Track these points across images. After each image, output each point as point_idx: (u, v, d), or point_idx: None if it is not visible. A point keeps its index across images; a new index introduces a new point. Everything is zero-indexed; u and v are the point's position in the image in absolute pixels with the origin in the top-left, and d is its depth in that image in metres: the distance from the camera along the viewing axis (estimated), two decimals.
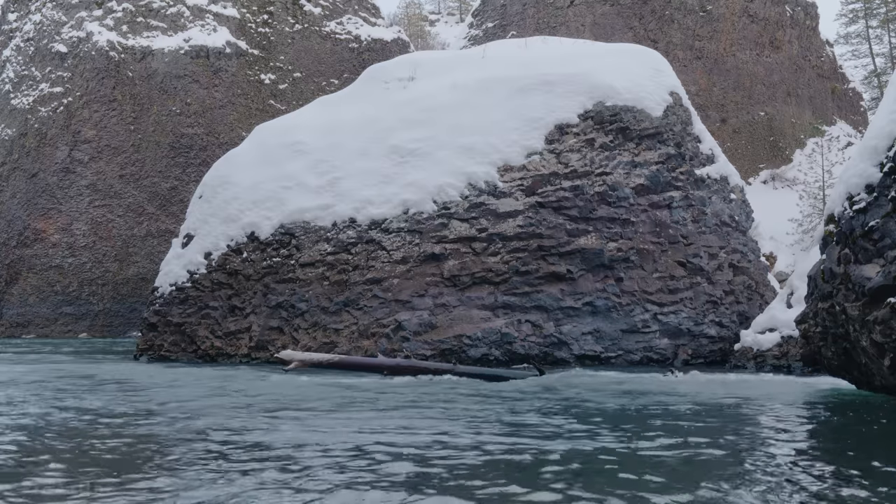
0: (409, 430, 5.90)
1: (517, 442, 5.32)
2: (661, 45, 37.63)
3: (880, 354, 7.28)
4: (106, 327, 36.72)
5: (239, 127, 38.78)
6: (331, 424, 6.28)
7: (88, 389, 9.50)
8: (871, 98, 49.30)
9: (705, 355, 15.51)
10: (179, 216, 33.69)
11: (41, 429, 6.08)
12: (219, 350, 15.53)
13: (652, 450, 4.98)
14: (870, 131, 7.91)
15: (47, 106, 39.10)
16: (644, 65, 17.48)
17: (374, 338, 14.23)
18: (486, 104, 16.18)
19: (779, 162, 39.53)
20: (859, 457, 4.90)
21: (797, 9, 42.63)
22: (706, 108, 37.77)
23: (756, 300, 16.65)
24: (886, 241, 7.18)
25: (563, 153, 15.60)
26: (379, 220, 15.25)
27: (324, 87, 41.21)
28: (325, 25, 44.22)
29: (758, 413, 7.33)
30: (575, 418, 6.64)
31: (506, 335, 14.28)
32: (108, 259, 37.44)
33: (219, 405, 7.76)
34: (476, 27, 48.55)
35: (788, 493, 3.80)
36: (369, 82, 19.04)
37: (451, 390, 9.35)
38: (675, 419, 6.68)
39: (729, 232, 16.73)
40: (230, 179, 17.05)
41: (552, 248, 14.90)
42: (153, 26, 40.02)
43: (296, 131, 17.44)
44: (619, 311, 15.01)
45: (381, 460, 4.62)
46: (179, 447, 5.22)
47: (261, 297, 15.47)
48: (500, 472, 4.29)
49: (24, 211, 38.28)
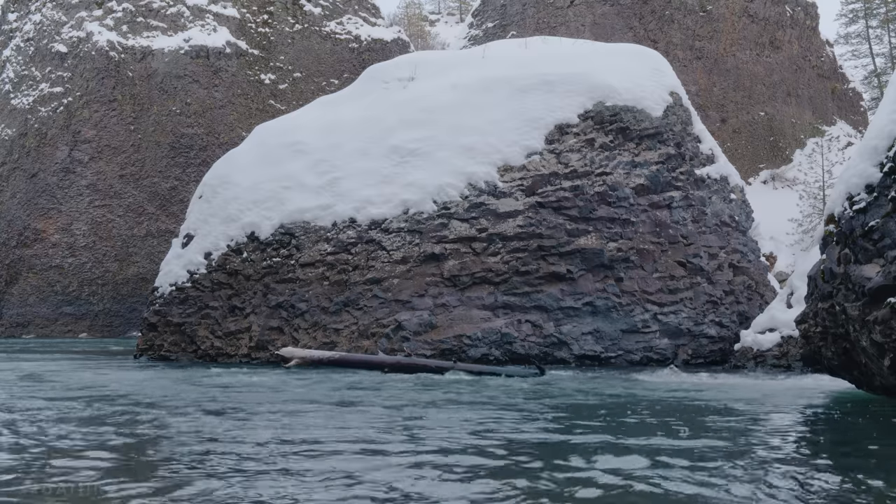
0: (405, 429, 5.91)
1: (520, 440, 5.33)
2: (661, 45, 37.64)
3: (880, 354, 7.28)
4: (106, 327, 36.74)
5: (239, 127, 38.79)
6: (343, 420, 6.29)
7: (88, 390, 9.50)
8: (871, 98, 49.30)
9: (705, 355, 15.51)
10: (179, 216, 33.70)
11: (40, 429, 6.07)
12: (219, 350, 15.53)
13: (651, 450, 4.98)
14: (870, 131, 7.91)
15: (47, 106, 39.11)
16: (644, 65, 17.49)
17: (375, 338, 14.24)
18: (486, 104, 16.18)
19: (779, 162, 39.56)
20: (859, 457, 4.90)
21: (797, 9, 42.64)
22: (706, 108, 37.78)
23: (756, 300, 16.65)
24: (886, 241, 7.18)
25: (563, 153, 15.60)
26: (379, 220, 15.26)
27: (324, 87, 41.21)
28: (325, 25, 44.23)
29: (757, 413, 7.33)
30: (574, 417, 6.64)
31: (506, 335, 14.29)
32: (108, 259, 37.45)
33: (220, 406, 7.76)
34: (476, 27, 48.58)
35: (788, 494, 3.80)
36: (369, 82, 19.05)
37: (453, 386, 9.35)
38: (674, 419, 6.68)
39: (729, 232, 16.73)
40: (230, 179, 17.05)
41: (552, 248, 14.90)
42: (153, 26, 40.03)
43: (296, 131, 17.44)
44: (619, 311, 15.01)
45: (392, 452, 4.64)
46: (179, 448, 5.22)
47: (261, 297, 15.47)
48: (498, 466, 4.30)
49: (24, 211, 38.30)
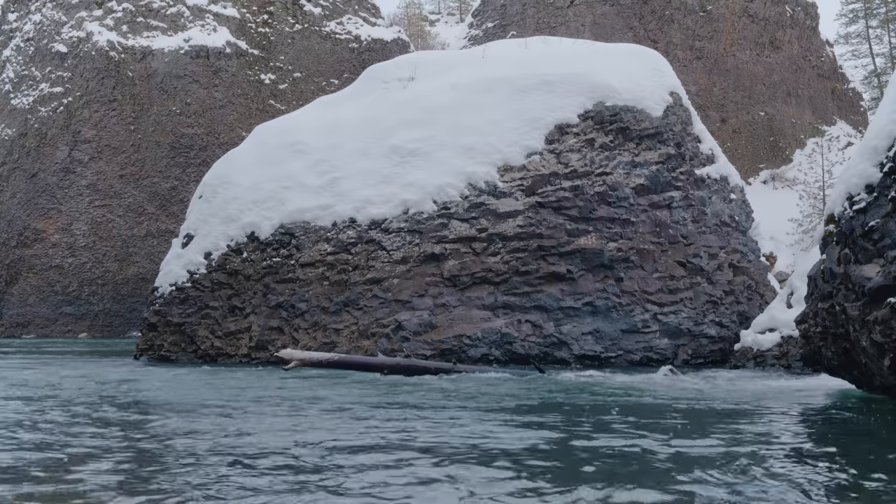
0: (406, 430, 5.91)
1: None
2: (661, 45, 37.65)
3: (880, 354, 7.28)
4: (106, 327, 36.73)
5: (239, 127, 38.79)
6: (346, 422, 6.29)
7: (88, 390, 9.50)
8: (871, 98, 49.31)
9: (705, 355, 15.51)
10: (179, 216, 33.71)
11: (40, 429, 6.07)
12: (219, 350, 15.53)
13: (649, 449, 4.98)
14: (870, 131, 7.91)
15: (47, 106, 39.11)
16: (644, 65, 17.48)
17: (374, 338, 14.23)
18: (486, 104, 16.18)
19: (779, 162, 39.55)
20: (859, 457, 4.90)
21: (797, 9, 42.65)
22: (706, 108, 37.78)
23: (756, 300, 16.64)
24: (886, 241, 7.18)
25: (563, 153, 15.60)
26: (379, 220, 15.25)
27: (324, 87, 41.21)
28: (325, 25, 44.22)
29: (757, 413, 7.33)
30: (574, 415, 6.64)
31: (506, 335, 14.29)
32: (108, 259, 37.44)
33: (221, 405, 7.76)
34: (476, 27, 48.59)
35: (787, 494, 3.80)
36: (369, 82, 19.04)
37: (454, 386, 9.35)
38: (673, 419, 6.68)
39: (729, 232, 16.73)
40: (230, 179, 17.04)
41: (552, 248, 14.90)
42: (153, 26, 40.02)
43: (296, 131, 17.44)
44: (619, 311, 15.01)
45: (405, 456, 4.64)
46: (179, 448, 5.22)
47: (261, 297, 15.47)
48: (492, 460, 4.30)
49: (24, 211, 38.29)
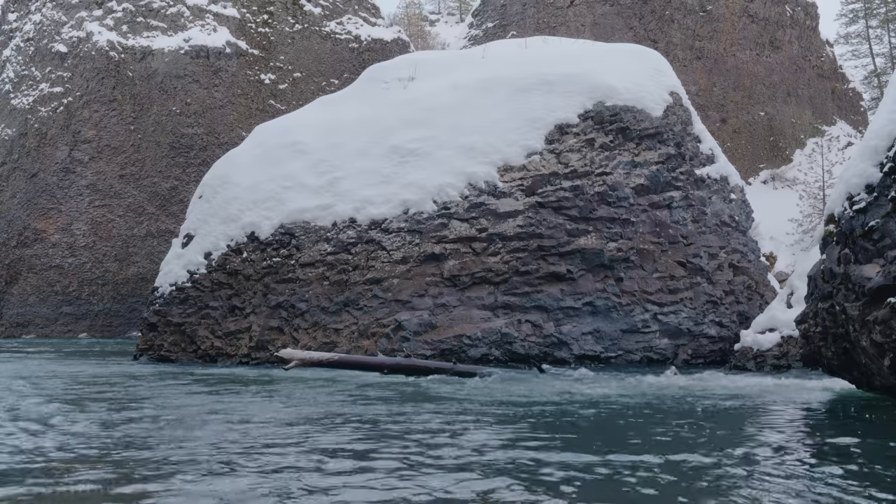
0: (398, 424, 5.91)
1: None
2: (661, 45, 37.66)
3: (880, 354, 7.28)
4: (106, 327, 36.74)
5: (239, 127, 38.80)
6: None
7: (87, 390, 9.50)
8: (871, 98, 49.33)
9: (705, 355, 15.51)
10: (179, 216, 33.73)
11: (38, 429, 6.07)
12: (219, 350, 15.53)
13: (648, 448, 4.98)
14: (870, 131, 7.90)
15: (47, 106, 39.12)
16: (644, 65, 17.48)
17: (374, 338, 14.23)
18: (486, 104, 16.18)
19: (779, 162, 39.56)
20: (859, 457, 4.90)
21: (797, 9, 42.65)
22: (706, 108, 37.78)
23: (756, 300, 16.65)
24: (886, 241, 7.18)
25: (563, 153, 15.60)
26: (379, 220, 15.25)
27: (324, 87, 41.22)
28: (325, 25, 44.23)
29: (757, 413, 7.33)
30: (574, 415, 6.64)
31: (506, 335, 14.29)
32: (108, 259, 37.45)
33: (222, 406, 7.76)
34: (476, 27, 48.60)
35: (787, 494, 3.80)
36: (369, 82, 19.04)
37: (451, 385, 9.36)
38: (672, 419, 6.68)
39: (729, 232, 16.73)
40: (230, 179, 17.05)
41: (552, 248, 14.90)
42: (153, 26, 40.03)
43: (296, 131, 17.44)
44: (619, 311, 15.01)
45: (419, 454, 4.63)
46: (175, 449, 5.22)
47: (261, 297, 15.47)
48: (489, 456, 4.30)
49: (24, 211, 38.30)
